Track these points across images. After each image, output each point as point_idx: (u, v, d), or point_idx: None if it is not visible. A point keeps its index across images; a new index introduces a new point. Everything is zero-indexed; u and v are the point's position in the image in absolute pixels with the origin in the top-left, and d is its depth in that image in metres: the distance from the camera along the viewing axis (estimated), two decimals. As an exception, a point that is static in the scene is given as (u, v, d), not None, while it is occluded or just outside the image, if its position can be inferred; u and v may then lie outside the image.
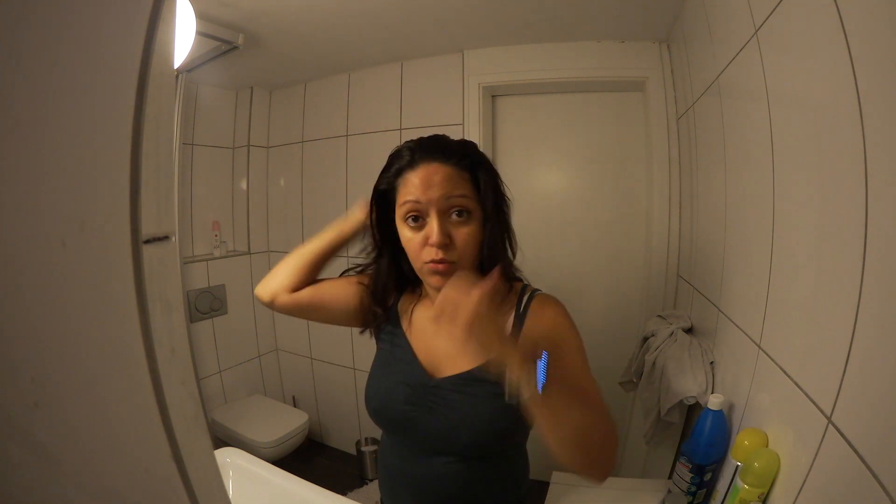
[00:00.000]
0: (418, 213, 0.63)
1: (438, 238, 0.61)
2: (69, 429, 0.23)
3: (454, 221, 0.63)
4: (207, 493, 0.30)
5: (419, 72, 1.90)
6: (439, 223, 0.62)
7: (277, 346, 2.47)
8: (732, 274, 0.97)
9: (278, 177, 2.34)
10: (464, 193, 0.63)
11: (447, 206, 0.62)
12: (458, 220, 0.63)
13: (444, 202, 0.62)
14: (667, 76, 1.56)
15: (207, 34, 1.44)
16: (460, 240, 0.63)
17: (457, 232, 0.63)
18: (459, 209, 0.63)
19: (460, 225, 0.63)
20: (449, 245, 0.62)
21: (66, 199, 0.23)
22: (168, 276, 0.28)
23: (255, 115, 2.25)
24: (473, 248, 0.65)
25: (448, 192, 0.62)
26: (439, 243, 0.61)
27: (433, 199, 0.61)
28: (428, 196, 0.61)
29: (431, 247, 0.62)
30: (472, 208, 0.64)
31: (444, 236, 0.62)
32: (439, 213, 0.62)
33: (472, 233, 0.64)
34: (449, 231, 0.63)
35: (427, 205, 0.62)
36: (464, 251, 0.64)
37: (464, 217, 0.63)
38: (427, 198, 0.61)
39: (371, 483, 2.07)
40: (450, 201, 0.62)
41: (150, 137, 0.26)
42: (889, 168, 0.44)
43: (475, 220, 0.65)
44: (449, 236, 0.62)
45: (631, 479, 1.31)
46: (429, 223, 0.63)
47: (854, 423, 0.48)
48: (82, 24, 0.23)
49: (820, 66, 0.57)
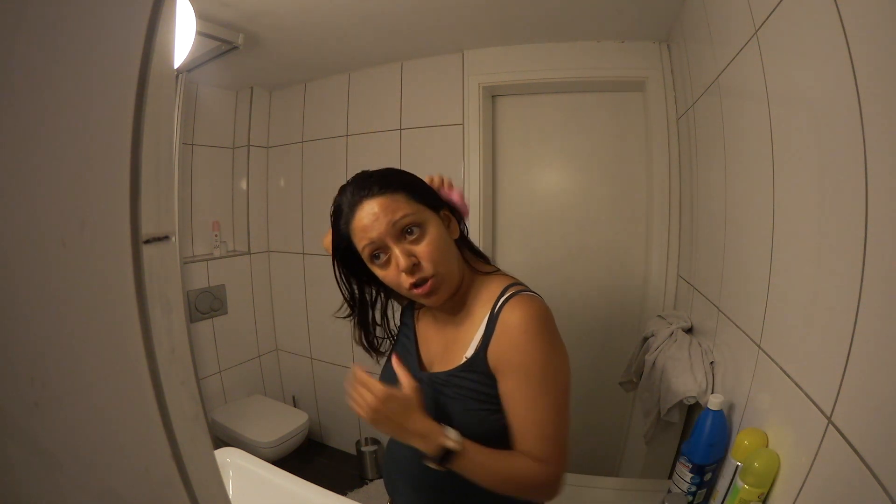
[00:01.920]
0: (379, 249, 0.66)
1: (405, 264, 0.64)
2: (69, 429, 0.23)
3: (411, 240, 0.65)
4: (207, 493, 0.30)
5: (419, 72, 1.90)
6: (400, 250, 0.65)
7: (277, 346, 2.47)
8: (732, 274, 0.97)
9: (278, 177, 2.34)
10: (405, 213, 0.65)
11: (398, 231, 0.65)
12: (414, 237, 0.66)
13: (393, 229, 0.64)
14: (667, 76, 1.56)
15: (207, 34, 1.44)
16: (425, 254, 0.65)
17: (418, 249, 0.65)
18: (409, 227, 0.65)
19: (418, 241, 0.66)
20: (418, 264, 0.65)
21: (66, 198, 0.23)
22: (168, 276, 0.28)
23: (255, 115, 2.25)
24: (444, 253, 0.67)
25: (391, 219, 0.64)
26: (406, 268, 0.64)
27: (382, 232, 0.64)
28: (377, 232, 0.64)
29: (403, 273, 0.65)
30: (422, 220, 0.66)
31: (408, 259, 0.64)
32: (395, 241, 0.65)
33: (433, 241, 0.66)
34: (411, 251, 0.65)
35: (380, 239, 0.65)
36: (434, 262, 0.65)
37: (416, 233, 0.66)
38: (377, 234, 0.64)
39: (371, 483, 2.07)
40: (397, 226, 0.64)
41: (150, 137, 0.26)
42: (889, 168, 0.44)
43: (431, 227, 0.67)
44: (413, 255, 0.65)
45: (631, 479, 1.31)
46: (392, 254, 0.65)
47: (854, 423, 0.48)
48: (82, 24, 0.23)
49: (820, 66, 0.57)
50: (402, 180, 0.69)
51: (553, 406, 0.64)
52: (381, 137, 1.99)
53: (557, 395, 0.65)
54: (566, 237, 1.83)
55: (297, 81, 2.18)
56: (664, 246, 1.60)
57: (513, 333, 0.65)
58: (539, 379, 0.63)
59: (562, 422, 0.65)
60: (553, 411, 0.64)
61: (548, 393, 0.64)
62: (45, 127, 0.22)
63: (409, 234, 0.65)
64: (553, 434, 0.64)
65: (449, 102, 1.83)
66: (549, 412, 0.64)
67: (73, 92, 0.23)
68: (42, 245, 0.22)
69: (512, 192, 1.90)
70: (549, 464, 0.63)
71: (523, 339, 0.64)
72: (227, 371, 2.22)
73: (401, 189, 0.67)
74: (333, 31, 1.62)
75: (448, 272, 0.68)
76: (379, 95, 1.98)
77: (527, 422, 0.64)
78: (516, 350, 0.64)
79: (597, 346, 1.81)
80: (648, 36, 1.56)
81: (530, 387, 0.64)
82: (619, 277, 1.78)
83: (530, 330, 0.64)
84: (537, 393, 0.64)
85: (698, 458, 0.81)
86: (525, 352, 0.64)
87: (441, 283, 0.67)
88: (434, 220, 0.68)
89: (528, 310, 0.65)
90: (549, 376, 0.64)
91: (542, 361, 0.64)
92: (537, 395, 0.64)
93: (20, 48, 0.20)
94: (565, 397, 0.66)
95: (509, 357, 0.65)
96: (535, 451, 0.64)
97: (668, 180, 1.57)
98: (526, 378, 0.64)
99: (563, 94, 1.78)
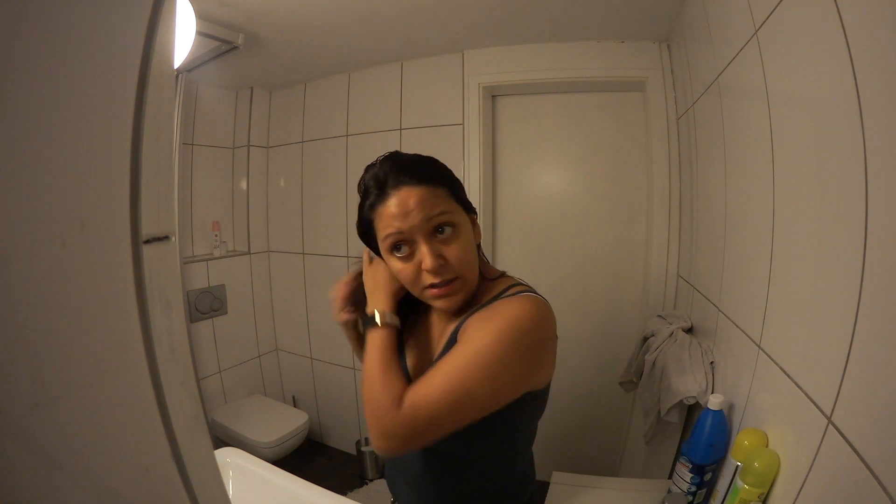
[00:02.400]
0: (403, 241, 0.61)
1: (432, 264, 0.59)
2: (69, 429, 0.23)
3: (442, 240, 0.61)
4: (207, 493, 0.30)
5: (419, 72, 1.90)
6: (429, 248, 0.60)
7: (277, 346, 2.47)
8: (732, 274, 0.97)
9: (278, 177, 2.34)
10: (443, 210, 0.60)
11: (431, 228, 0.60)
12: (445, 237, 0.61)
13: (427, 224, 0.60)
14: (667, 76, 1.56)
15: (207, 34, 1.44)
16: (454, 256, 0.61)
17: (447, 249, 0.61)
18: (443, 225, 0.61)
19: (449, 242, 0.61)
20: (444, 265, 0.61)
21: (66, 199, 0.23)
22: (168, 276, 0.28)
23: (255, 115, 2.25)
24: (470, 257, 0.64)
25: (428, 214, 0.59)
26: (434, 269, 0.60)
27: (416, 225, 0.59)
28: (409, 223, 0.59)
29: (427, 272, 0.61)
30: (456, 221, 0.62)
31: (437, 259, 0.60)
32: (425, 238, 0.60)
33: (463, 244, 0.62)
34: (440, 251, 0.61)
35: (410, 232, 0.60)
36: (461, 265, 0.62)
37: (448, 233, 0.61)
38: (409, 225, 0.59)
39: (371, 483, 2.07)
40: (432, 222, 0.60)
41: (150, 137, 0.26)
42: (889, 168, 0.44)
43: (462, 230, 0.63)
44: (442, 256, 0.61)
45: (631, 479, 1.31)
46: (418, 250, 0.61)
47: (854, 423, 0.48)
48: (82, 24, 0.23)
49: (820, 66, 0.57)
50: (445, 174, 0.65)
51: (461, 383, 0.55)
52: (381, 137, 1.99)
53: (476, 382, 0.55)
54: (566, 237, 1.83)
55: (297, 81, 2.18)
56: (664, 246, 1.60)
57: (492, 315, 0.60)
58: (475, 357, 0.56)
59: (450, 403, 0.55)
60: (457, 385, 0.55)
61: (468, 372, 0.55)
62: (45, 127, 0.22)
63: (440, 232, 0.61)
64: (431, 398, 0.55)
65: (449, 102, 1.83)
66: (453, 382, 0.55)
67: (73, 92, 0.23)
68: (42, 245, 0.22)
69: (512, 192, 1.90)
70: (401, 406, 0.55)
71: (495, 322, 0.58)
72: (227, 371, 2.22)
73: (443, 183, 0.62)
74: (333, 31, 1.62)
75: (471, 277, 0.64)
76: (379, 95, 1.98)
77: (431, 374, 0.57)
78: (481, 325, 0.59)
79: (597, 345, 1.81)
80: (648, 36, 1.56)
81: (462, 354, 0.57)
82: (619, 277, 1.78)
83: (509, 320, 0.58)
84: (462, 363, 0.56)
85: (698, 458, 0.81)
86: (488, 330, 0.57)
87: (462, 286, 0.63)
88: (466, 223, 0.64)
89: (521, 306, 0.60)
90: (486, 363, 0.56)
91: (493, 348, 0.56)
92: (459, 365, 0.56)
93: (20, 48, 0.20)
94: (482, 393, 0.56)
95: (471, 330, 0.60)
96: (412, 389, 0.57)
97: (668, 180, 1.57)
98: (467, 347, 0.57)
99: (563, 94, 1.78)
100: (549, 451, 1.85)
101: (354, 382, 2.22)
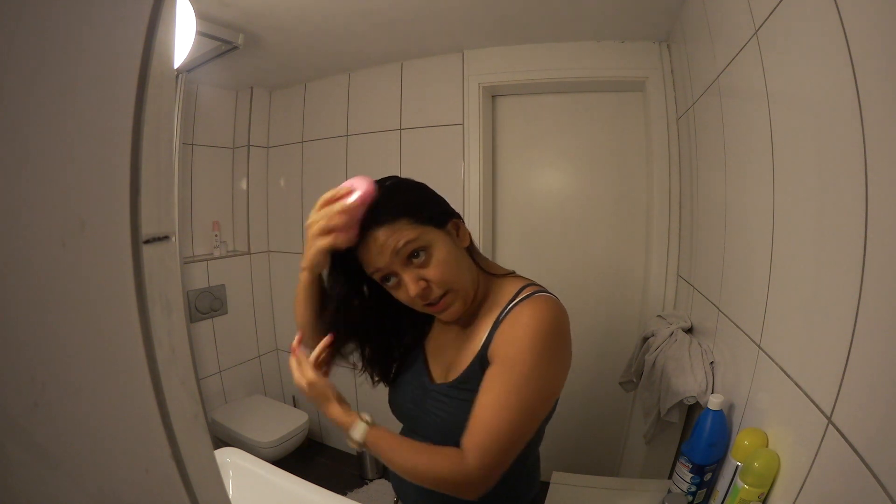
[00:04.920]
0: (389, 274, 0.65)
1: (416, 290, 0.63)
2: (69, 429, 0.23)
3: (418, 264, 0.64)
4: (207, 493, 0.30)
5: (419, 72, 1.90)
6: (409, 276, 0.63)
7: (277, 346, 2.47)
8: (732, 274, 0.97)
9: (278, 177, 2.34)
10: (407, 240, 0.62)
11: (403, 258, 0.63)
12: (421, 261, 0.64)
13: (398, 257, 0.63)
14: (667, 76, 1.56)
15: (207, 34, 1.44)
16: (434, 275, 0.64)
17: (426, 272, 0.64)
18: (415, 252, 0.63)
19: (426, 264, 0.64)
20: (427, 287, 0.64)
21: (66, 199, 0.23)
22: (168, 276, 0.28)
23: (255, 115, 2.25)
24: (453, 268, 0.66)
25: (394, 248, 0.62)
26: (419, 294, 0.63)
27: (388, 261, 0.63)
28: (383, 261, 0.63)
29: (415, 297, 0.64)
30: (426, 242, 0.64)
31: (418, 284, 0.63)
32: (402, 267, 0.63)
33: (441, 260, 0.64)
34: (420, 276, 0.64)
35: (388, 268, 0.63)
36: (444, 280, 0.64)
37: (423, 257, 0.64)
38: (384, 263, 0.63)
39: (371, 483, 2.07)
40: (401, 254, 0.63)
41: (150, 137, 0.26)
42: (889, 168, 0.44)
43: (438, 247, 0.65)
44: (423, 279, 0.64)
45: (631, 479, 1.31)
46: (402, 279, 0.64)
47: (854, 423, 0.48)
48: (82, 24, 0.23)
49: (820, 66, 0.57)
50: (403, 202, 0.66)
51: (518, 409, 0.60)
52: (381, 137, 1.99)
53: (530, 402, 0.61)
54: (566, 237, 1.83)
55: (297, 81, 2.18)
56: (664, 246, 1.60)
57: (516, 328, 0.63)
58: (521, 378, 0.60)
59: (516, 428, 0.60)
60: (515, 413, 0.59)
61: (521, 395, 0.60)
62: (45, 127, 0.22)
63: (415, 257, 0.64)
64: (498, 431, 0.59)
65: (449, 102, 1.83)
66: (510, 411, 0.59)
67: (73, 92, 0.23)
68: (42, 245, 0.22)
69: (512, 192, 1.90)
70: (470, 457, 0.59)
71: (523, 335, 0.62)
72: (227, 371, 2.22)
73: (402, 214, 0.64)
74: (333, 31, 1.62)
75: (462, 286, 0.66)
76: (379, 95, 1.98)
77: (485, 409, 0.61)
78: (512, 344, 0.62)
79: (597, 345, 1.81)
80: (648, 36, 1.56)
81: (508, 381, 0.61)
82: (619, 277, 1.78)
83: (535, 329, 0.62)
84: (511, 389, 0.60)
85: (698, 458, 0.81)
86: (520, 348, 0.61)
87: (455, 298, 0.66)
88: (440, 238, 0.66)
89: (540, 310, 0.64)
90: (532, 381, 0.60)
91: (533, 363, 0.60)
92: (510, 391, 0.60)
93: (20, 48, 0.20)
94: (537, 408, 0.62)
95: (504, 349, 0.63)
96: (471, 437, 0.60)
97: (668, 180, 1.57)
98: (509, 371, 0.61)
99: (563, 94, 1.78)
100: (549, 451, 1.84)
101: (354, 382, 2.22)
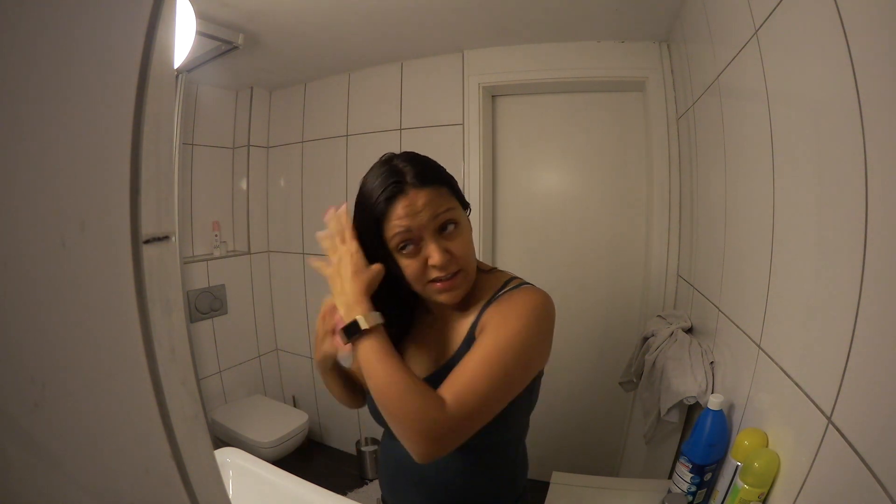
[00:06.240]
0: (410, 240, 0.65)
1: (441, 259, 0.64)
2: (69, 429, 0.23)
3: (447, 236, 0.66)
4: (207, 493, 0.30)
5: (419, 72, 1.90)
6: (437, 244, 0.64)
7: (277, 346, 2.47)
8: (732, 274, 0.97)
9: (278, 177, 2.34)
10: (448, 207, 0.65)
11: (437, 226, 0.65)
12: (449, 233, 0.66)
13: (434, 223, 0.64)
14: (667, 76, 1.56)
15: (207, 34, 1.44)
16: (458, 250, 0.66)
17: (452, 245, 0.66)
18: (447, 223, 0.66)
19: (453, 237, 0.66)
20: (451, 259, 0.65)
21: (66, 199, 0.23)
22: (168, 276, 0.28)
23: (255, 115, 2.25)
24: (470, 251, 0.69)
25: (434, 212, 0.64)
26: (442, 263, 0.64)
27: (423, 224, 0.64)
28: (418, 222, 0.63)
29: (434, 267, 0.65)
30: (457, 218, 0.67)
31: (445, 255, 0.64)
32: (432, 235, 0.65)
33: (465, 239, 0.68)
34: (445, 247, 0.65)
35: (419, 230, 0.64)
36: (464, 259, 0.67)
37: (451, 230, 0.66)
38: (417, 225, 0.63)
39: (371, 483, 2.07)
40: (438, 220, 0.65)
41: (150, 137, 0.26)
42: (889, 168, 0.44)
43: (463, 227, 0.68)
44: (448, 251, 0.65)
45: (631, 479, 1.31)
46: (424, 247, 0.65)
47: (854, 423, 0.48)
48: (82, 24, 0.23)
49: (820, 66, 0.57)
50: (445, 174, 0.69)
51: (499, 373, 0.59)
52: (381, 137, 1.99)
53: (511, 365, 0.60)
54: (566, 237, 1.83)
55: (297, 81, 2.18)
56: (664, 246, 1.60)
57: (505, 306, 0.66)
58: (504, 341, 0.61)
59: (494, 391, 0.59)
60: (496, 376, 0.59)
61: (503, 360, 0.60)
62: (44, 127, 0.22)
63: (444, 230, 0.66)
64: (476, 390, 0.58)
65: (449, 102, 1.83)
66: (490, 372, 0.59)
67: (72, 92, 0.23)
68: (42, 245, 0.22)
69: (512, 192, 1.90)
70: (446, 405, 0.57)
71: (512, 308, 0.65)
72: (227, 371, 2.22)
73: (445, 183, 0.67)
74: (333, 31, 1.62)
75: (472, 270, 0.69)
76: (379, 95, 1.98)
77: (466, 367, 0.60)
78: (501, 315, 0.65)
79: (597, 346, 1.81)
80: (648, 36, 1.56)
81: (493, 342, 0.61)
82: (619, 277, 1.78)
83: (525, 305, 0.65)
84: (493, 353, 0.60)
85: (698, 458, 0.81)
86: (507, 316, 0.64)
87: (465, 279, 0.68)
88: (465, 219, 0.69)
89: (531, 296, 0.67)
90: (514, 345, 0.61)
91: (517, 329, 0.62)
92: (492, 355, 0.60)
93: (20, 48, 0.20)
94: (515, 374, 0.62)
95: (491, 322, 0.65)
96: (449, 385, 0.59)
97: (668, 180, 1.57)
98: (494, 334, 0.62)
99: (563, 94, 1.78)
100: (549, 451, 1.85)
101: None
